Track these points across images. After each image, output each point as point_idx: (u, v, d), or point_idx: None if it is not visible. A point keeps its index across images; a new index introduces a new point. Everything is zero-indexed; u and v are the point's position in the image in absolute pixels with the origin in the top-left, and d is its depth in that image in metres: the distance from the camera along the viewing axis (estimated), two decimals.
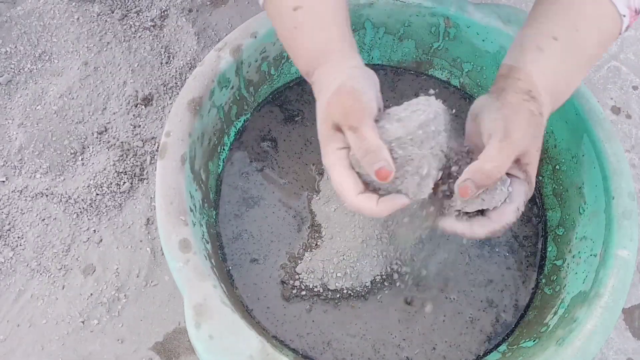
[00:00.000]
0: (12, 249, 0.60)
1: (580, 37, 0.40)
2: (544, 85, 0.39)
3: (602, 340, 0.40)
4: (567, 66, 0.40)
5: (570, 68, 0.40)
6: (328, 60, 0.38)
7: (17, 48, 0.71)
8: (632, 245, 0.44)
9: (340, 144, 0.37)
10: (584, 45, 0.40)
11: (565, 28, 0.40)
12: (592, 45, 0.40)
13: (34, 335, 0.56)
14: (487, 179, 0.36)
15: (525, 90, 0.39)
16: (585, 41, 0.40)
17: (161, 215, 0.41)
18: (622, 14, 0.40)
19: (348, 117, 0.36)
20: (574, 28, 0.40)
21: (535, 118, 0.38)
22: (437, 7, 0.56)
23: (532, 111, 0.38)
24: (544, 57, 0.40)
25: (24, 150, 0.65)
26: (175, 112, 0.46)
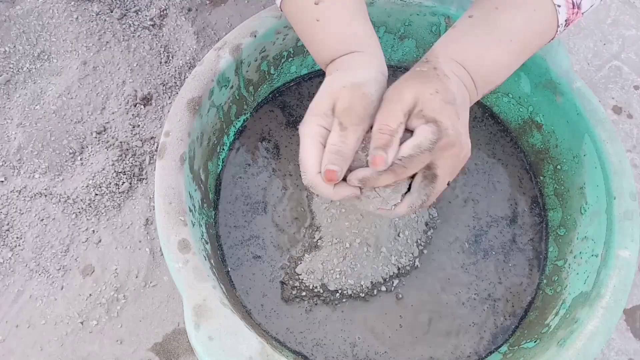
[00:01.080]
0: (11, 249, 0.59)
1: (498, 15, 0.39)
2: (443, 53, 0.39)
3: (604, 341, 0.40)
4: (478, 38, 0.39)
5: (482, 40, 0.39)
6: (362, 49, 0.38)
7: (16, 47, 0.71)
8: (634, 245, 0.44)
9: (324, 122, 0.37)
10: (503, 23, 0.39)
11: (484, 8, 0.40)
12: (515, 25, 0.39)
13: (32, 336, 0.55)
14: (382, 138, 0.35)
15: (422, 61, 0.39)
16: (505, 20, 0.39)
17: (160, 215, 0.41)
18: (557, 4, 0.39)
19: (348, 115, 0.36)
20: (493, 7, 0.39)
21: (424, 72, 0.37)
22: (438, 6, 0.55)
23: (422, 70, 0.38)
24: (453, 32, 0.40)
25: (23, 150, 0.65)
26: (174, 112, 0.46)
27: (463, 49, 0.39)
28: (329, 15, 0.38)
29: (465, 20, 0.40)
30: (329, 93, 0.38)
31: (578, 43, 0.81)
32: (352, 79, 0.37)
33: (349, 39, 0.39)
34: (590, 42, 0.81)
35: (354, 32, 0.39)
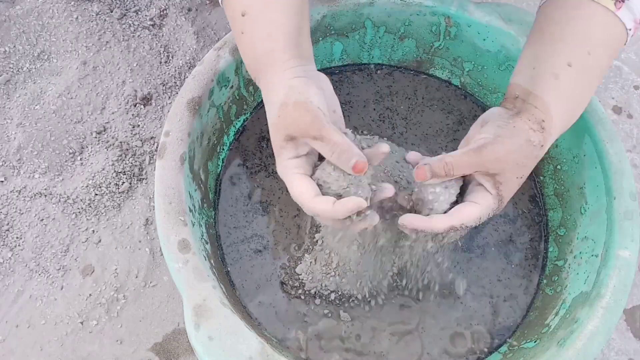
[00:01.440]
0: (11, 249, 0.59)
1: (593, 60, 0.40)
2: (558, 114, 0.40)
3: (604, 341, 0.40)
4: (580, 90, 0.41)
5: (583, 91, 0.41)
6: (270, 70, 0.39)
7: (16, 47, 0.71)
8: (634, 245, 0.44)
9: (293, 153, 0.38)
10: (596, 67, 0.41)
11: (578, 53, 0.40)
12: (604, 64, 0.41)
13: (32, 336, 0.55)
14: (441, 170, 0.38)
15: (538, 120, 0.40)
16: (598, 63, 0.40)
17: (160, 215, 0.41)
18: (629, 28, 0.40)
19: (307, 130, 0.37)
20: (586, 52, 0.40)
21: (531, 149, 0.39)
22: (438, 6, 0.55)
23: (531, 142, 0.39)
24: (560, 85, 0.40)
25: (23, 150, 0.64)
26: (174, 112, 0.46)
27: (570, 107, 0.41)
28: (252, 28, 0.39)
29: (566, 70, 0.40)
30: (274, 129, 0.39)
31: None
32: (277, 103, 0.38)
33: (266, 54, 0.39)
34: None
35: (272, 46, 0.39)
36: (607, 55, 0.41)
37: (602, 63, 0.41)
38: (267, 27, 0.39)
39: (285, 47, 0.39)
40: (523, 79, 0.42)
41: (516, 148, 0.38)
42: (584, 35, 0.40)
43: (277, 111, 0.38)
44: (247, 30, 0.39)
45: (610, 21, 0.40)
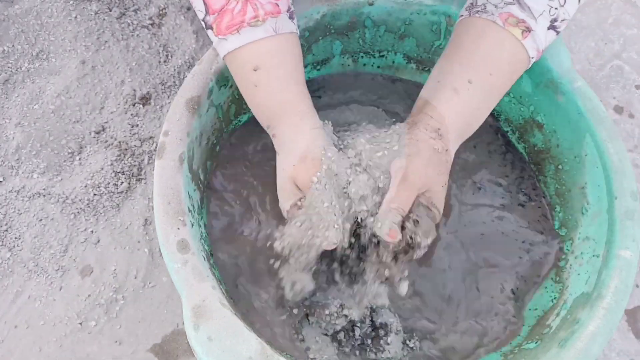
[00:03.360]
0: (10, 249, 0.59)
1: (493, 80, 0.44)
2: (453, 124, 0.44)
3: (605, 342, 0.40)
4: (478, 106, 0.44)
5: (480, 107, 0.45)
6: (288, 120, 0.42)
7: (15, 47, 0.71)
8: (635, 245, 0.44)
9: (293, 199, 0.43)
10: (496, 87, 0.44)
11: (481, 72, 0.44)
12: (503, 84, 0.44)
13: (31, 337, 0.55)
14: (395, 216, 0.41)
15: (434, 129, 0.43)
16: (497, 83, 0.44)
17: (159, 215, 0.41)
18: (531, 56, 0.44)
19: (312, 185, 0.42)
20: (488, 73, 0.43)
21: (439, 155, 0.42)
22: (439, 5, 0.55)
23: (435, 149, 0.42)
24: (458, 99, 0.44)
25: (21, 149, 0.64)
26: (173, 111, 0.46)
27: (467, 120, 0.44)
28: (266, 81, 0.41)
29: (466, 86, 0.44)
30: (287, 175, 0.43)
31: (579, 42, 0.81)
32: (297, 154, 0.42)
33: (284, 105, 0.42)
34: (591, 42, 0.81)
35: (289, 97, 0.42)
36: (509, 78, 0.44)
37: (502, 84, 0.44)
38: (281, 80, 0.41)
39: (300, 98, 0.43)
40: (426, 92, 0.46)
41: (427, 161, 0.42)
42: (489, 57, 0.44)
43: (295, 159, 0.42)
44: (262, 84, 0.41)
45: (516, 48, 0.43)
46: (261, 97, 0.42)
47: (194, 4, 0.40)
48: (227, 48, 0.40)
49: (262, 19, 0.39)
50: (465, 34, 0.45)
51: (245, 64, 0.41)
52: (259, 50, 0.40)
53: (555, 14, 0.41)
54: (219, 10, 0.39)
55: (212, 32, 0.40)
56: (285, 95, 0.42)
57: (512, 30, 0.42)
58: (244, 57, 0.40)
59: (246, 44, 0.39)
